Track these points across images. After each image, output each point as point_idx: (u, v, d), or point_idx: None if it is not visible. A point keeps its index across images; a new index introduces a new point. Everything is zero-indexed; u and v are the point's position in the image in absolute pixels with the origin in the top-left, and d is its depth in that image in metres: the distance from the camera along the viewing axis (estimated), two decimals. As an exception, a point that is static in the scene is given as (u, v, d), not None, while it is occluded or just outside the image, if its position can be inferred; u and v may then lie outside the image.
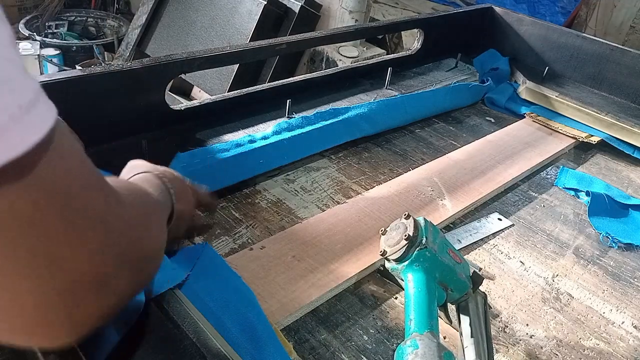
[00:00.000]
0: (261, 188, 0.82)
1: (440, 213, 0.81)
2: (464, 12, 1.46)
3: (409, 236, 0.56)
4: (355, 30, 1.20)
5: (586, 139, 1.10)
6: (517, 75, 1.36)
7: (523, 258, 0.76)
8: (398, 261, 0.57)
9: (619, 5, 3.05)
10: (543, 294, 0.70)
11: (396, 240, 0.57)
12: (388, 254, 0.58)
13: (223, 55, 0.92)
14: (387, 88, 1.19)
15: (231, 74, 2.00)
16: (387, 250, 0.58)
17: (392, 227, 0.60)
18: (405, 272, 0.57)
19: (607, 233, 0.83)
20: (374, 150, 0.98)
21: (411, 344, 0.47)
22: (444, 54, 1.41)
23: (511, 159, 0.99)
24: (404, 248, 0.56)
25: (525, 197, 0.91)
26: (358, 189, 0.85)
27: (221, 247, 0.69)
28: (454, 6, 3.12)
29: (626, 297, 0.72)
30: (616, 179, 1.02)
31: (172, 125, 0.89)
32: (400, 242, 0.57)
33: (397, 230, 0.58)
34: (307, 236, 0.71)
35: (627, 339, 0.65)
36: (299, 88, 1.08)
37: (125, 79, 0.80)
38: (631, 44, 2.87)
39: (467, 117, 1.18)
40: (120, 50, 2.46)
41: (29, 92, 0.24)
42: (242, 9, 2.09)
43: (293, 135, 0.87)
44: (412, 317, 0.52)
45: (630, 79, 1.30)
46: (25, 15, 2.86)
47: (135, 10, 2.49)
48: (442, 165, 0.94)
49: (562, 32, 1.38)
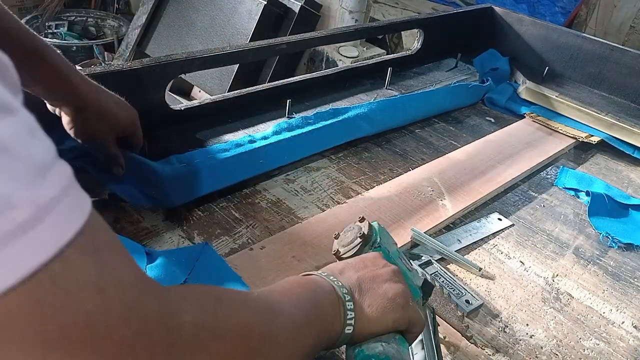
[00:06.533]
0: (261, 188, 0.82)
1: (440, 213, 0.81)
2: (464, 12, 1.46)
3: (364, 234, 0.54)
4: (355, 30, 1.20)
5: (586, 139, 1.10)
6: (517, 75, 1.36)
7: (523, 258, 0.76)
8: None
9: (619, 5, 3.05)
10: (543, 294, 0.70)
11: (350, 240, 0.55)
12: (341, 253, 0.56)
13: (223, 55, 0.92)
14: (387, 88, 1.19)
15: (231, 74, 2.00)
16: (341, 250, 0.56)
17: (345, 229, 0.58)
18: None
19: (607, 233, 0.83)
20: (374, 150, 0.98)
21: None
22: (444, 54, 1.41)
23: (511, 159, 0.99)
24: (358, 246, 0.54)
25: (525, 197, 0.91)
26: (358, 189, 0.85)
27: (221, 247, 0.69)
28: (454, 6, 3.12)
29: (626, 297, 0.72)
30: (616, 179, 1.02)
31: (172, 125, 0.89)
32: (354, 241, 0.55)
33: (351, 231, 0.56)
34: (307, 236, 0.71)
35: (627, 339, 0.65)
36: (299, 88, 1.08)
37: (125, 79, 0.80)
38: (631, 44, 2.87)
39: (467, 117, 1.18)
40: (120, 50, 2.46)
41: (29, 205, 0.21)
42: (242, 9, 2.09)
43: (293, 135, 0.87)
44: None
45: (630, 79, 1.30)
46: (25, 15, 2.85)
47: (135, 10, 2.49)
48: (442, 165, 0.94)
49: (562, 32, 1.38)
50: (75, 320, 0.23)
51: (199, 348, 0.30)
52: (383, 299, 0.45)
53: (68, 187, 0.23)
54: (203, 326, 0.31)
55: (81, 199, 0.24)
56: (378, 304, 0.45)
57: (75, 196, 0.24)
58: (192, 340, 0.30)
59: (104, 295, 0.25)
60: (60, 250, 0.22)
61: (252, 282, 0.62)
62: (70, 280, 0.23)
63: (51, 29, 2.85)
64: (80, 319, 0.23)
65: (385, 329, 0.45)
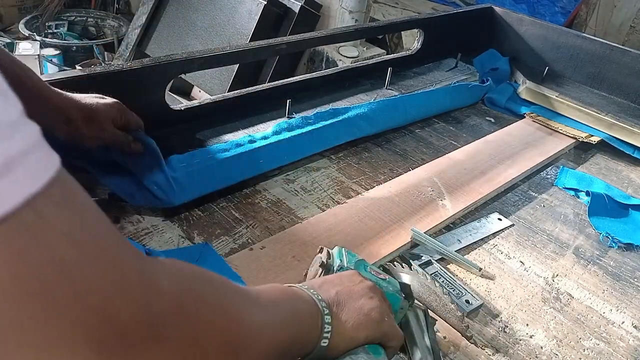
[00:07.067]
0: (261, 188, 0.82)
1: (440, 213, 0.81)
2: (464, 12, 1.46)
3: (323, 263, 0.57)
4: (355, 30, 1.20)
5: (586, 139, 1.10)
6: (517, 75, 1.36)
7: (523, 258, 0.76)
8: None
9: (619, 5, 3.05)
10: (543, 294, 0.70)
11: (314, 271, 0.58)
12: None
13: (223, 55, 0.92)
14: (387, 88, 1.19)
15: (231, 74, 2.01)
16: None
17: (311, 265, 0.60)
18: None
19: (607, 233, 0.83)
20: (374, 150, 0.98)
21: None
22: (444, 54, 1.41)
23: (511, 159, 0.99)
24: (321, 275, 0.57)
25: (525, 197, 0.91)
26: (358, 189, 0.85)
27: (221, 247, 0.69)
28: (454, 6, 3.12)
29: (626, 297, 0.72)
30: (616, 179, 1.02)
31: (172, 125, 0.89)
32: (317, 271, 0.57)
33: (315, 264, 0.59)
34: (307, 236, 0.71)
35: (627, 339, 0.65)
36: (299, 88, 1.08)
37: (125, 79, 0.80)
38: (631, 44, 2.87)
39: (467, 117, 1.18)
40: (120, 50, 2.46)
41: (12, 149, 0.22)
42: (242, 9, 2.09)
43: (293, 135, 0.87)
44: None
45: (630, 79, 1.30)
46: (25, 15, 2.86)
47: (135, 10, 2.50)
48: (442, 165, 0.94)
49: (562, 32, 1.38)
50: (52, 268, 0.23)
51: (179, 311, 0.30)
52: (359, 314, 0.47)
53: (37, 143, 0.24)
54: (181, 293, 0.31)
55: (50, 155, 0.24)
56: (354, 320, 0.46)
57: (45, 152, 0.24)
58: (171, 303, 0.29)
59: (80, 246, 0.25)
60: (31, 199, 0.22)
61: (252, 282, 0.62)
62: (44, 230, 0.23)
63: (51, 29, 2.85)
64: (57, 267, 0.23)
65: (357, 345, 0.47)
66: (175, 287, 0.30)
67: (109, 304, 0.25)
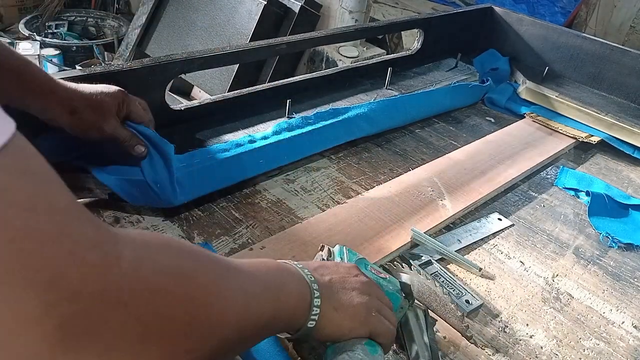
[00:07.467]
0: (261, 188, 0.82)
1: (440, 213, 0.81)
2: (464, 12, 1.46)
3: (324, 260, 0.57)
4: (355, 30, 1.20)
5: (586, 139, 1.10)
6: (517, 75, 1.36)
7: (523, 258, 0.76)
8: None
9: (619, 5, 3.05)
10: (543, 294, 0.70)
11: None
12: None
13: (223, 55, 0.92)
14: (387, 88, 1.19)
15: (231, 74, 2.01)
16: None
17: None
18: None
19: (607, 233, 0.83)
20: (374, 150, 0.98)
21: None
22: (444, 54, 1.41)
23: (511, 159, 0.99)
24: None
25: (525, 197, 0.91)
26: (358, 189, 0.85)
27: (221, 247, 0.69)
28: (454, 6, 3.12)
29: (626, 297, 0.72)
30: (616, 179, 1.02)
31: (172, 125, 0.89)
32: None
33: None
34: (307, 236, 0.71)
35: (627, 339, 0.65)
36: (299, 88, 1.08)
37: (125, 79, 0.80)
38: (631, 44, 2.87)
39: (467, 117, 1.18)
40: (120, 50, 2.46)
41: None
42: (242, 9, 2.09)
43: (293, 135, 0.87)
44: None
45: (630, 79, 1.30)
46: (25, 15, 2.86)
47: (135, 10, 2.49)
48: (442, 165, 0.94)
49: (562, 32, 1.38)
50: (4, 236, 0.23)
51: (137, 279, 0.30)
52: (348, 306, 0.47)
53: None
54: (141, 262, 0.30)
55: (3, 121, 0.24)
56: (342, 309, 0.47)
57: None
58: (127, 270, 0.29)
59: (32, 214, 0.24)
60: None
61: (252, 282, 0.62)
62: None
63: (51, 29, 2.86)
64: (9, 234, 0.23)
65: (342, 336, 0.47)
66: (134, 255, 0.30)
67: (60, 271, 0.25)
